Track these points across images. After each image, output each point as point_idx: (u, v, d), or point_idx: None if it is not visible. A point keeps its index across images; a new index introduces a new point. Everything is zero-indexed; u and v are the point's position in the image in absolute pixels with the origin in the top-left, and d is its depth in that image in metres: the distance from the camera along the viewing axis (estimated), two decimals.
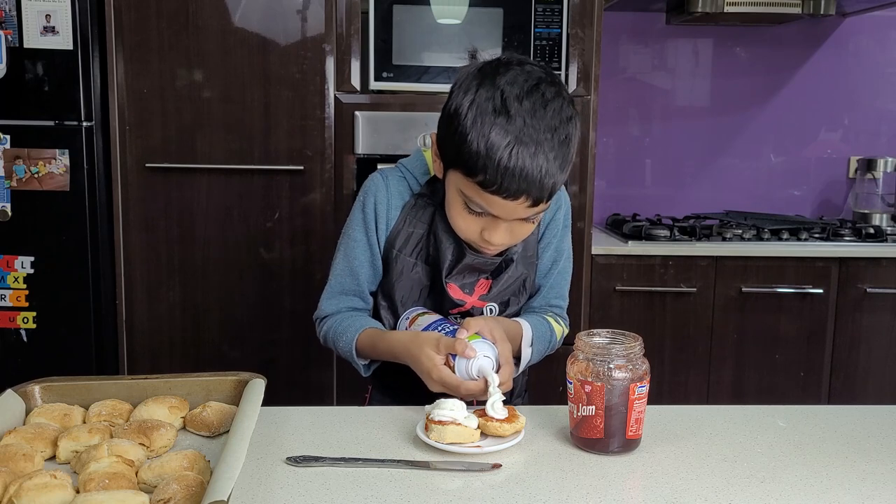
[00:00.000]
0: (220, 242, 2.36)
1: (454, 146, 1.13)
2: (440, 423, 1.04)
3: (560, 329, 1.39)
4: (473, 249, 1.27)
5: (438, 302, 1.31)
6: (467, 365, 1.13)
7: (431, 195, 1.30)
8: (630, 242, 2.54)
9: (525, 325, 1.30)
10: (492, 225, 1.17)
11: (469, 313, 1.31)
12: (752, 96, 3.06)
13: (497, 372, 1.13)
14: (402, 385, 1.33)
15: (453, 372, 1.14)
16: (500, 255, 1.29)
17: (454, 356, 1.14)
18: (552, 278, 1.39)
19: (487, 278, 1.31)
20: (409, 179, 1.33)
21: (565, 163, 1.14)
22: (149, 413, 1.08)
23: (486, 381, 1.12)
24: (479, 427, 1.06)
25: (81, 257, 2.28)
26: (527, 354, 1.29)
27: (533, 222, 1.20)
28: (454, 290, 1.29)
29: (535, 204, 1.13)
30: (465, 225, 1.20)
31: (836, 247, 2.58)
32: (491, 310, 1.32)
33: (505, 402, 1.09)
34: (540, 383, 1.44)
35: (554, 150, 1.11)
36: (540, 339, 1.33)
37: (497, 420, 1.06)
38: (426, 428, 1.06)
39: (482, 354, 1.13)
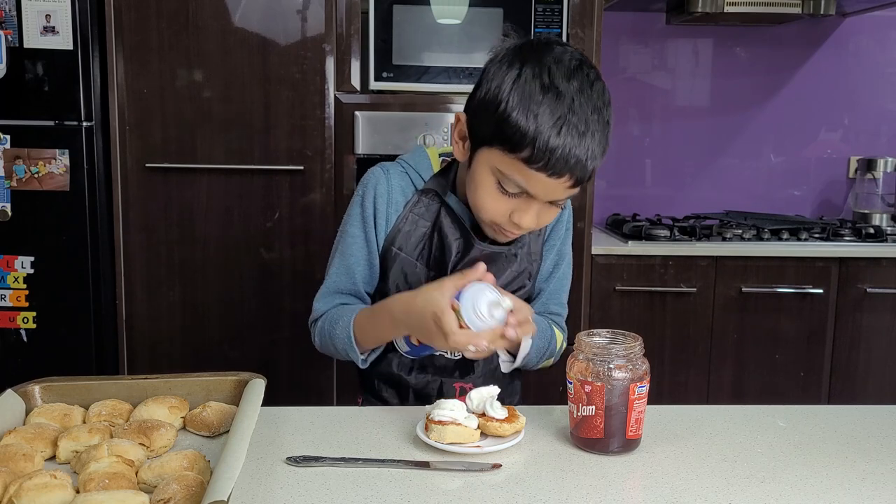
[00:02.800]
0: (220, 242, 2.36)
1: (495, 123, 1.09)
2: (440, 423, 1.04)
3: (560, 338, 1.36)
4: (483, 238, 1.24)
5: None
6: (474, 299, 1.06)
7: (437, 190, 1.27)
8: (630, 242, 2.54)
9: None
10: (523, 206, 1.14)
11: None
12: (752, 96, 3.06)
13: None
14: (395, 393, 1.33)
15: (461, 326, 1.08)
16: (508, 243, 1.26)
17: (459, 299, 1.08)
18: (553, 283, 1.37)
19: (487, 271, 1.29)
20: (411, 175, 1.30)
21: (606, 145, 1.13)
22: (149, 413, 1.08)
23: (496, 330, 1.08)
24: (479, 427, 1.06)
25: (81, 257, 2.28)
26: (526, 346, 1.25)
27: (560, 207, 1.18)
28: None
29: (576, 184, 1.11)
30: (495, 206, 1.15)
31: (836, 247, 2.58)
32: None
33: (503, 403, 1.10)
34: (540, 383, 1.44)
35: (599, 130, 1.10)
36: (541, 335, 1.29)
37: (497, 420, 1.06)
38: (426, 428, 1.06)
39: (487, 288, 1.08)
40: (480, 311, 1.07)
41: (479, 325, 1.07)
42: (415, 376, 1.30)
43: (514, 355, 1.30)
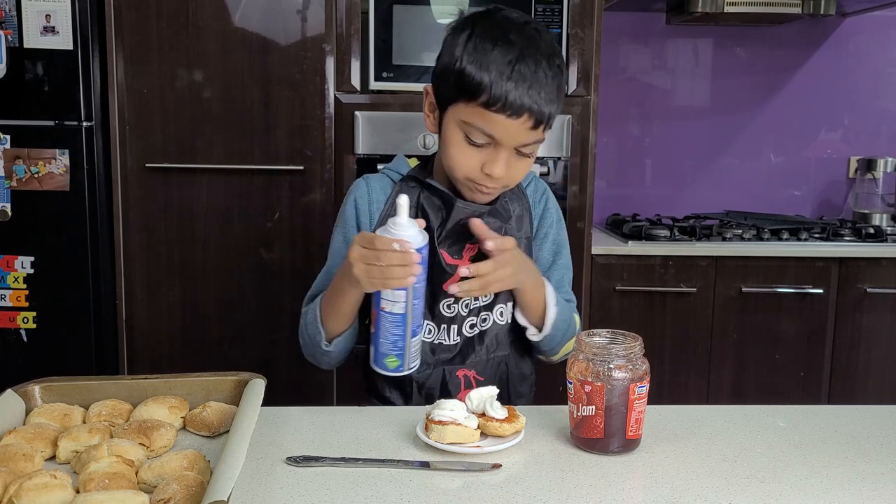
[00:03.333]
0: (220, 242, 2.36)
1: (454, 80, 1.17)
2: (440, 423, 1.04)
3: (577, 321, 1.38)
4: (463, 199, 1.26)
5: (430, 274, 1.27)
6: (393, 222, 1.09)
7: (417, 176, 1.32)
8: (630, 242, 2.55)
9: (548, 284, 1.30)
10: (492, 156, 1.19)
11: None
12: (752, 96, 3.06)
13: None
14: (399, 393, 1.33)
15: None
16: (490, 203, 1.28)
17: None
18: (557, 272, 1.39)
19: (474, 243, 1.29)
20: (391, 175, 1.35)
21: (561, 92, 1.20)
22: (149, 413, 1.08)
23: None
24: (478, 427, 1.06)
25: (81, 257, 2.28)
26: (552, 315, 1.28)
27: (530, 156, 1.22)
28: (445, 255, 1.27)
29: (536, 125, 1.17)
30: (465, 160, 1.20)
31: (836, 247, 2.58)
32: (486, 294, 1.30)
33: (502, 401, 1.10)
34: (540, 383, 1.43)
35: (552, 74, 1.17)
36: (562, 311, 1.31)
37: (497, 420, 1.06)
38: (426, 428, 1.06)
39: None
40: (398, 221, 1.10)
41: (396, 232, 1.10)
42: (416, 371, 1.30)
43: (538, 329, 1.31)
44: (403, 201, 1.09)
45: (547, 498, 0.92)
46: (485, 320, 1.32)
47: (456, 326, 1.30)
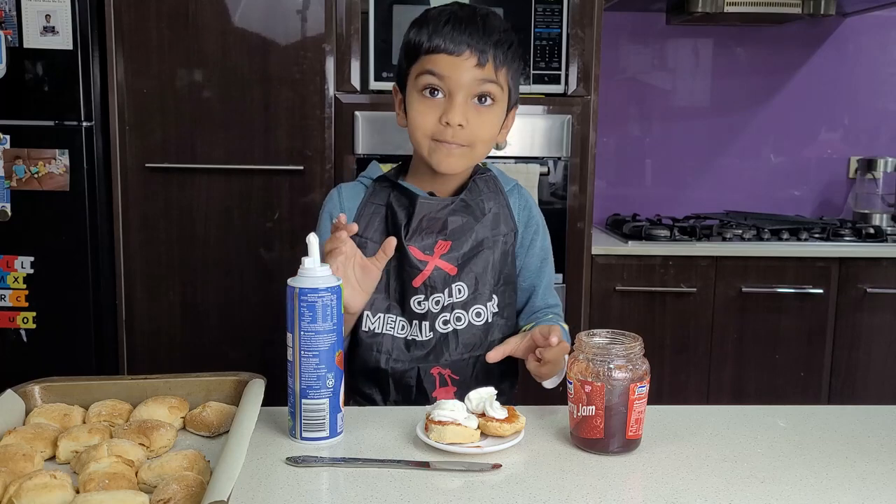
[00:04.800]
0: (220, 242, 2.36)
1: (405, 52, 1.27)
2: (440, 423, 1.04)
3: (567, 329, 1.40)
4: (428, 196, 1.30)
5: (400, 270, 1.30)
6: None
7: (389, 177, 1.36)
8: (630, 242, 2.55)
9: (562, 329, 1.30)
10: (449, 106, 1.24)
11: (431, 284, 1.29)
12: (752, 96, 3.06)
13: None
14: (377, 390, 1.33)
15: None
16: (456, 194, 1.32)
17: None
18: (545, 278, 1.41)
19: (445, 239, 1.30)
20: (363, 181, 1.39)
21: (505, 36, 1.25)
22: (149, 413, 1.08)
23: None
24: (479, 427, 1.06)
25: (81, 257, 2.28)
26: (564, 362, 1.24)
27: (489, 108, 1.26)
28: (415, 251, 1.28)
29: (480, 63, 1.22)
30: (424, 117, 1.25)
31: (836, 247, 2.58)
32: (459, 289, 1.31)
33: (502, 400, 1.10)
34: (532, 382, 1.43)
35: (492, 16, 1.26)
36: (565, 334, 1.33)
37: (497, 420, 1.06)
38: (426, 428, 1.06)
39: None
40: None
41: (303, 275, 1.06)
42: (391, 365, 1.31)
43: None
44: (312, 240, 1.06)
45: (547, 498, 0.92)
46: (459, 319, 1.32)
47: (428, 323, 1.31)
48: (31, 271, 2.28)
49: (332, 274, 1.08)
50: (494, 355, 1.24)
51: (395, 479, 0.97)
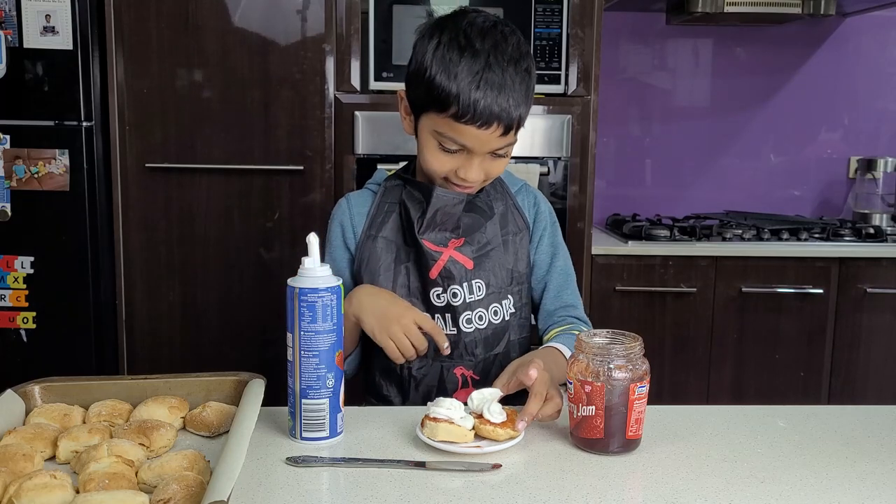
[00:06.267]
0: (220, 242, 2.36)
1: (424, 90, 1.20)
2: (434, 419, 1.04)
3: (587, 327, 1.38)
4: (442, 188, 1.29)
5: (418, 264, 1.30)
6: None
7: (402, 173, 1.35)
8: (630, 242, 2.55)
9: (563, 348, 1.28)
10: (466, 162, 1.23)
11: (447, 275, 1.29)
12: (752, 96, 3.06)
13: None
14: (397, 391, 1.33)
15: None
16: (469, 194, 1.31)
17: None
18: (556, 275, 1.39)
19: (459, 237, 1.30)
20: (371, 188, 1.39)
21: (529, 92, 1.22)
22: (149, 413, 1.08)
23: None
24: (473, 428, 1.05)
25: (81, 257, 2.28)
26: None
27: (505, 156, 1.25)
28: (428, 244, 1.29)
29: (505, 132, 1.20)
30: (440, 165, 1.24)
31: (836, 247, 2.58)
32: (478, 286, 1.30)
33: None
34: None
35: (518, 79, 1.20)
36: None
37: (491, 424, 1.05)
38: (422, 424, 1.05)
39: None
40: None
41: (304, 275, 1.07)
42: (416, 363, 1.31)
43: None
44: (312, 240, 1.08)
45: (547, 498, 0.92)
46: (480, 318, 1.32)
47: (451, 316, 1.30)
48: (31, 271, 2.28)
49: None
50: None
51: (396, 479, 0.97)
